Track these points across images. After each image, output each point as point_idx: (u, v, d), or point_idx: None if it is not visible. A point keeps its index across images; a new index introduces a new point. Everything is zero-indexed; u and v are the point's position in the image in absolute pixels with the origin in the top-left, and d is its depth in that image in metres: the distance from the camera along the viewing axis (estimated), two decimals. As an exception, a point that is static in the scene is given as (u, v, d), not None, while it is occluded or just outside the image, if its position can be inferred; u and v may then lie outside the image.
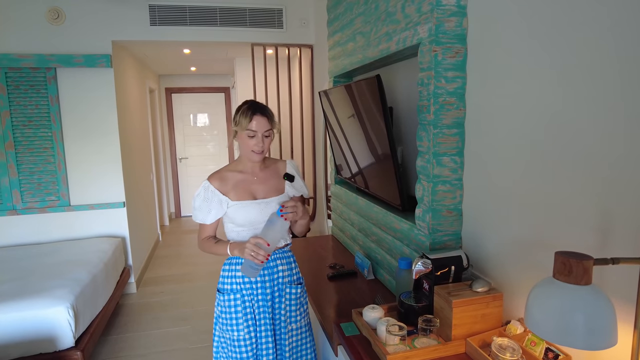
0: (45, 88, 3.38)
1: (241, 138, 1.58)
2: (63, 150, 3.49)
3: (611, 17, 0.95)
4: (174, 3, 3.47)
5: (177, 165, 6.69)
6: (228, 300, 1.64)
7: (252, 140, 1.56)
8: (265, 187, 1.65)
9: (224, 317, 1.64)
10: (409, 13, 1.62)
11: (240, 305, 1.62)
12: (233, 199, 1.60)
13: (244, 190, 1.62)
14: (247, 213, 1.59)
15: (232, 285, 1.64)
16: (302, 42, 3.81)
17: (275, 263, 1.66)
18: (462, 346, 1.24)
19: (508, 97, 1.30)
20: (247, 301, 1.63)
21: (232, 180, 1.63)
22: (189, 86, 6.55)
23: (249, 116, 1.54)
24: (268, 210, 1.61)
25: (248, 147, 1.57)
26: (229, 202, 1.60)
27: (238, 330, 1.62)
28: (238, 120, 1.56)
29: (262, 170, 1.68)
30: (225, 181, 1.62)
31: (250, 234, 1.61)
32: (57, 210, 3.53)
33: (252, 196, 1.62)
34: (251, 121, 1.54)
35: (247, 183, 1.64)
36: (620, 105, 0.95)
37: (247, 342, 1.62)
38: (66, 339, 2.35)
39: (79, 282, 2.64)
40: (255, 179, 1.65)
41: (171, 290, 3.91)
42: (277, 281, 1.66)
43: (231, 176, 1.64)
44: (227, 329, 1.64)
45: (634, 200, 0.93)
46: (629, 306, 0.95)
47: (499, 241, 1.39)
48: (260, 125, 1.55)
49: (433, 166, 1.53)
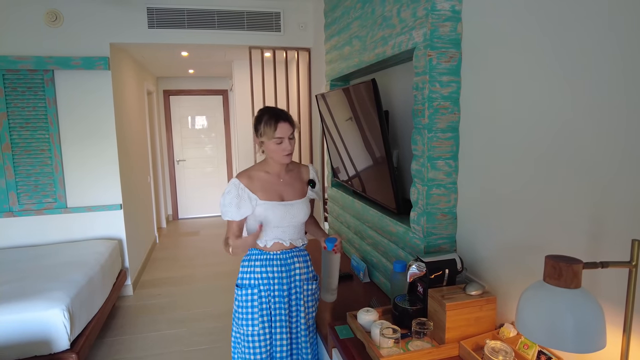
0: (43, 90, 3.38)
1: (268, 146, 1.65)
2: (60, 153, 3.49)
3: (608, 23, 0.97)
4: (172, 6, 3.48)
5: (174, 167, 6.68)
6: (245, 295, 1.68)
7: (280, 145, 1.63)
8: (291, 189, 1.73)
9: (240, 312, 1.68)
10: (404, 18, 1.63)
11: (257, 300, 1.67)
12: (262, 198, 1.66)
13: (272, 191, 1.68)
14: (275, 213, 1.66)
15: (250, 281, 1.68)
16: (300, 45, 3.83)
17: (292, 260, 1.71)
18: (456, 349, 1.25)
19: (502, 102, 1.31)
20: (264, 297, 1.67)
21: (259, 180, 1.68)
22: (187, 88, 6.56)
23: (273, 125, 1.61)
24: (293, 211, 1.69)
25: (277, 152, 1.64)
26: (258, 201, 1.65)
27: (253, 326, 1.66)
28: (263, 131, 1.63)
29: (287, 173, 1.75)
30: (252, 180, 1.68)
31: (272, 232, 1.68)
32: (54, 212, 3.53)
33: (280, 197, 1.69)
34: (277, 129, 1.61)
35: (274, 184, 1.70)
36: (616, 113, 0.96)
37: (262, 337, 1.66)
38: (61, 342, 2.35)
39: (75, 284, 2.63)
40: (281, 181, 1.72)
41: (168, 293, 3.91)
42: (294, 278, 1.71)
43: (258, 176, 1.69)
44: (243, 324, 1.67)
45: (624, 205, 0.94)
46: (618, 309, 0.96)
47: (492, 245, 1.40)
48: (285, 130, 1.62)
49: (428, 170, 1.54)
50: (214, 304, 3.63)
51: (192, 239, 5.68)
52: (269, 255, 1.68)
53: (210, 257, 4.88)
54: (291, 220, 1.68)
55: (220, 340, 3.02)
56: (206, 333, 3.14)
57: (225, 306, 3.57)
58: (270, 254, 1.68)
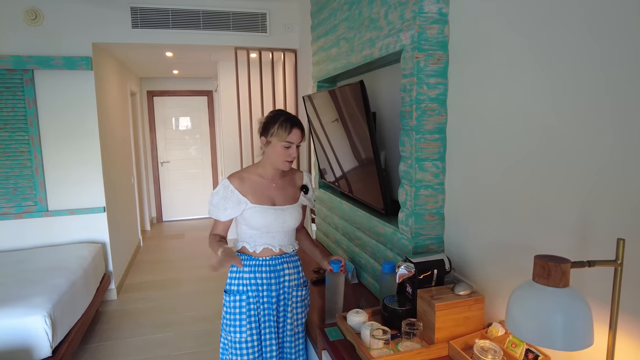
0: (22, 90, 3.29)
1: (274, 147, 1.62)
2: (40, 154, 3.40)
3: (595, 24, 0.99)
4: (157, 5, 3.43)
5: (158, 169, 6.59)
6: (233, 302, 1.65)
7: (288, 150, 1.62)
8: (283, 195, 1.71)
9: (228, 318, 1.66)
10: (392, 20, 1.64)
11: (245, 307, 1.64)
12: (252, 201, 1.64)
13: (263, 195, 1.66)
14: (265, 218, 1.63)
15: (239, 287, 1.66)
16: (286, 46, 3.82)
17: (282, 267, 1.69)
18: (445, 349, 1.26)
19: (489, 103, 1.33)
20: (252, 303, 1.65)
21: (251, 183, 1.66)
22: (171, 89, 6.48)
23: (288, 128, 1.59)
24: (284, 216, 1.67)
25: (281, 156, 1.62)
26: (248, 204, 1.63)
27: (241, 332, 1.64)
28: (275, 132, 1.60)
29: (280, 178, 1.72)
30: (244, 182, 1.65)
31: (262, 238, 1.66)
32: (34, 216, 3.44)
33: (271, 202, 1.67)
34: (290, 133, 1.60)
35: (266, 188, 1.68)
36: (601, 113, 0.98)
37: (250, 344, 1.64)
38: (43, 349, 2.29)
39: (56, 289, 2.57)
40: (273, 186, 1.69)
41: (153, 297, 3.84)
42: (282, 284, 1.69)
43: (251, 179, 1.67)
44: (230, 331, 1.65)
45: (610, 205, 0.96)
46: (605, 307, 0.98)
47: (480, 245, 1.41)
48: (297, 137, 1.62)
49: (415, 171, 1.55)
50: (201, 307, 3.59)
51: (177, 242, 5.61)
52: (258, 261, 1.65)
53: (196, 260, 4.82)
54: (282, 225, 1.66)
55: (208, 344, 2.99)
56: (193, 337, 3.10)
57: (212, 309, 3.53)
58: (259, 259, 1.66)
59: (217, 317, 3.34)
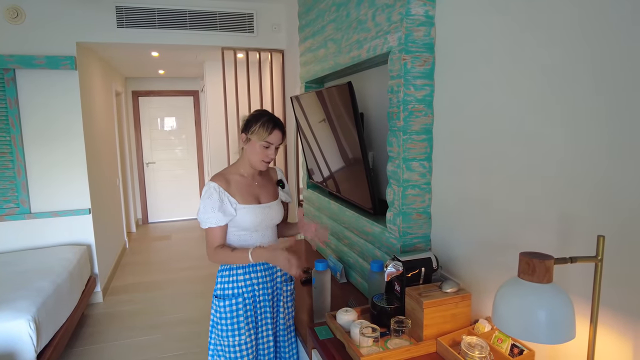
0: (3, 90, 3.23)
1: (253, 146, 1.62)
2: (23, 156, 3.34)
3: (579, 27, 1.02)
4: (143, 5, 3.40)
5: (144, 170, 6.52)
6: (229, 306, 1.62)
7: (266, 150, 1.62)
8: (266, 192, 1.72)
9: (224, 323, 1.62)
10: (379, 22, 1.66)
11: (242, 309, 1.63)
12: (240, 202, 1.63)
13: (249, 194, 1.66)
14: (255, 217, 1.64)
15: (234, 290, 1.64)
16: (273, 47, 3.82)
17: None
18: (433, 346, 1.28)
19: (472, 105, 1.36)
20: (249, 304, 1.64)
21: (236, 183, 1.65)
22: (156, 89, 6.41)
23: (269, 129, 1.59)
24: (271, 213, 1.68)
25: (259, 156, 1.62)
26: (237, 205, 1.62)
27: (240, 335, 1.62)
28: (256, 130, 1.60)
29: (260, 175, 1.74)
30: (230, 183, 1.64)
31: (252, 238, 1.66)
32: (17, 218, 3.37)
33: (256, 200, 1.68)
34: (271, 134, 1.60)
35: (249, 187, 1.68)
36: (578, 113, 1.01)
37: (249, 344, 1.64)
38: (27, 354, 2.25)
39: (41, 292, 2.53)
40: (256, 184, 1.70)
41: (139, 299, 3.80)
42: (275, 281, 1.72)
43: (234, 179, 1.66)
44: (228, 335, 1.62)
45: (589, 203, 0.99)
46: (586, 302, 1.02)
47: (466, 243, 1.44)
48: (277, 138, 1.62)
49: (403, 171, 1.57)
50: (188, 309, 3.57)
51: (163, 243, 5.55)
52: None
53: (182, 262, 4.79)
54: (269, 222, 1.68)
55: (197, 346, 2.97)
56: (181, 339, 3.08)
57: (200, 310, 3.51)
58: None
59: (205, 319, 3.32)
